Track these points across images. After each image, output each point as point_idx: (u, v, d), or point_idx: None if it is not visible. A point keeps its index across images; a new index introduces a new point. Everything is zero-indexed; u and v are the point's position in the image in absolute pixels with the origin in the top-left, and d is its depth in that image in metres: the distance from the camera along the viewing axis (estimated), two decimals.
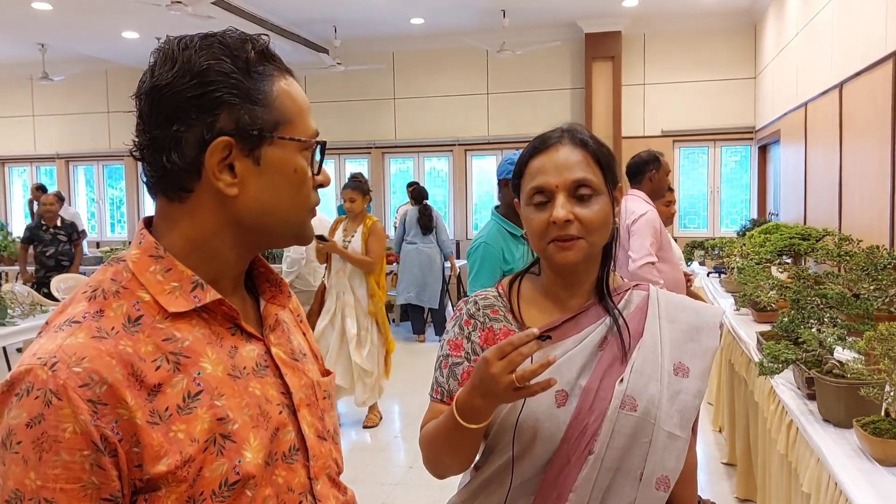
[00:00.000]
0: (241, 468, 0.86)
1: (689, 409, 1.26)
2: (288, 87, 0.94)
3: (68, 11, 8.31)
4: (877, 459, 1.98)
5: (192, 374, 0.86)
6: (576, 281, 1.33)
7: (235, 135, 0.89)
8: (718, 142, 9.85)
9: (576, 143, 1.31)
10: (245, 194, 0.91)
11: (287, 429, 0.95)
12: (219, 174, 0.89)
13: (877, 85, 4.40)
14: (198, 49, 0.89)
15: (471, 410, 1.16)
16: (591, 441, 1.21)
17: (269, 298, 1.03)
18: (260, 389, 0.93)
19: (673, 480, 1.24)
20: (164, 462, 0.81)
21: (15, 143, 12.07)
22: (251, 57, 0.91)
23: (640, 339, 1.28)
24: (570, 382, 1.25)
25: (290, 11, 8.78)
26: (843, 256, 3.11)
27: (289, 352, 1.01)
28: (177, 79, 0.87)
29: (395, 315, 9.44)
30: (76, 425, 0.77)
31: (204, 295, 0.90)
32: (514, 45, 9.10)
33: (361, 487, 4.36)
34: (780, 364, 2.52)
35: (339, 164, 11.32)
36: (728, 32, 9.44)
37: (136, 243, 0.92)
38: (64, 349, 0.80)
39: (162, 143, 0.88)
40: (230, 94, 0.88)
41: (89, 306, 0.86)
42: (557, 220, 1.25)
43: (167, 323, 0.87)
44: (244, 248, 0.96)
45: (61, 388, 0.77)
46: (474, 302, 1.37)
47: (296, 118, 0.94)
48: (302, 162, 0.95)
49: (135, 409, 0.80)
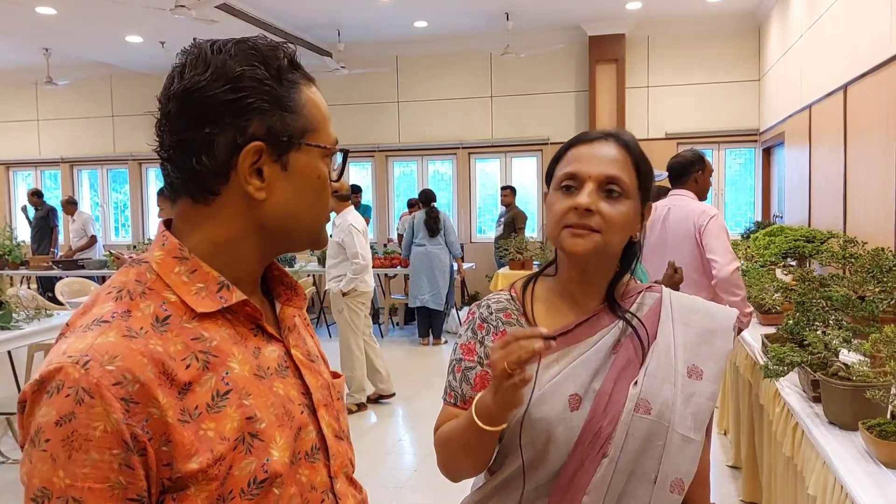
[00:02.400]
0: (269, 466, 0.88)
1: (703, 412, 1.26)
2: (314, 96, 0.97)
3: (72, 16, 8.34)
4: (883, 462, 1.97)
5: (221, 374, 0.88)
6: (590, 279, 1.32)
7: (267, 140, 0.91)
8: (722, 144, 9.84)
9: (619, 144, 1.31)
10: (271, 199, 0.93)
11: (309, 428, 0.97)
12: (249, 178, 0.91)
13: (881, 87, 4.39)
14: (232, 54, 0.90)
15: (486, 410, 1.16)
16: (606, 444, 1.21)
17: (286, 301, 1.05)
18: (283, 389, 0.95)
19: (687, 483, 1.24)
20: (195, 460, 0.82)
21: (20, 148, 12.12)
22: (283, 65, 0.93)
23: (654, 342, 1.28)
24: (584, 386, 1.24)
25: (294, 15, 8.80)
26: (848, 259, 3.10)
27: (305, 353, 1.03)
28: (210, 83, 0.88)
29: (399, 318, 9.44)
30: (108, 424, 0.77)
31: (230, 296, 0.92)
32: (517, 48, 9.11)
33: (366, 489, 4.35)
34: (786, 367, 2.51)
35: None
36: (732, 35, 9.44)
37: (159, 245, 0.93)
38: (96, 348, 0.80)
39: (192, 144, 0.89)
40: (262, 100, 0.90)
41: (116, 306, 0.86)
42: (580, 206, 1.24)
43: (194, 323, 0.89)
44: (265, 252, 0.98)
45: (94, 386, 0.77)
46: (487, 306, 1.37)
47: (320, 126, 0.96)
48: (324, 168, 0.97)
49: (166, 408, 0.81)
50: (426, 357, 7.88)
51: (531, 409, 1.22)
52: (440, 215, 8.18)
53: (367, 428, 5.57)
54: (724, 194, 9.98)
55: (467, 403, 1.28)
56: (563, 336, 1.28)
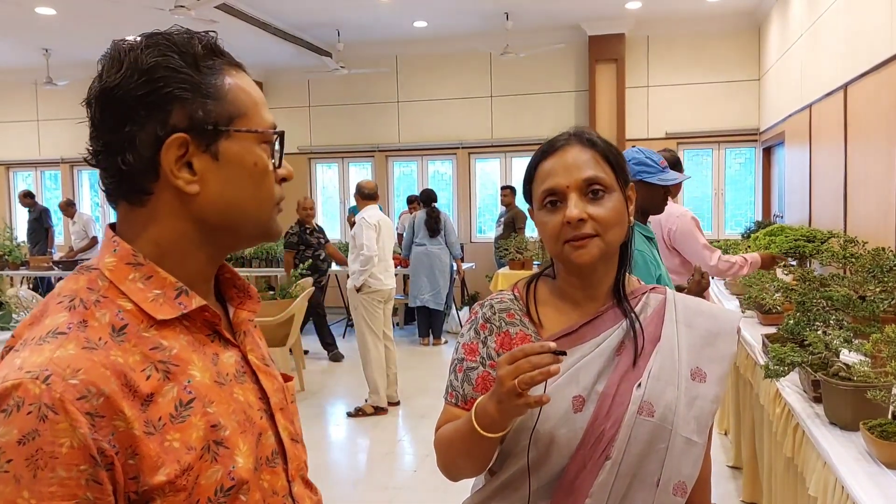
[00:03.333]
0: (234, 474, 0.87)
1: (706, 415, 1.25)
2: (240, 81, 0.93)
3: (72, 16, 8.34)
4: (884, 463, 1.97)
5: (183, 383, 0.86)
6: (593, 282, 1.32)
7: (190, 130, 0.88)
8: (723, 144, 9.83)
9: (584, 144, 1.31)
10: (206, 191, 0.90)
11: (268, 433, 0.96)
12: (177, 172, 0.88)
13: (882, 86, 4.39)
14: (144, 48, 0.88)
15: (486, 417, 1.15)
16: (608, 447, 1.20)
17: (239, 305, 1.03)
18: (242, 395, 0.93)
19: (690, 486, 1.24)
20: (162, 472, 0.80)
21: (20, 148, 12.11)
22: (199, 52, 0.90)
23: (658, 344, 1.27)
24: (588, 388, 1.24)
25: (294, 15, 8.79)
26: (848, 258, 3.09)
27: (260, 357, 1.01)
28: (125, 79, 0.86)
29: (399, 318, 9.43)
30: (74, 439, 0.75)
31: (189, 301, 0.90)
32: (517, 47, 9.10)
33: (366, 490, 4.35)
34: (786, 367, 2.51)
35: (343, 168, 11.33)
36: (732, 34, 9.43)
37: (110, 251, 0.90)
38: (56, 361, 0.77)
39: (116, 145, 0.87)
40: (180, 88, 0.87)
41: (71, 316, 0.83)
42: (571, 220, 1.24)
43: (153, 331, 0.86)
44: (213, 248, 0.95)
45: (58, 401, 0.75)
46: (490, 305, 1.36)
47: (251, 111, 0.93)
48: (262, 155, 0.94)
49: (132, 420, 0.79)
50: (426, 357, 7.89)
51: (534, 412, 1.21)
52: (441, 215, 8.18)
53: (367, 428, 5.56)
54: (724, 194, 9.97)
55: (468, 404, 1.28)
56: (566, 337, 1.28)
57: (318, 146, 11.22)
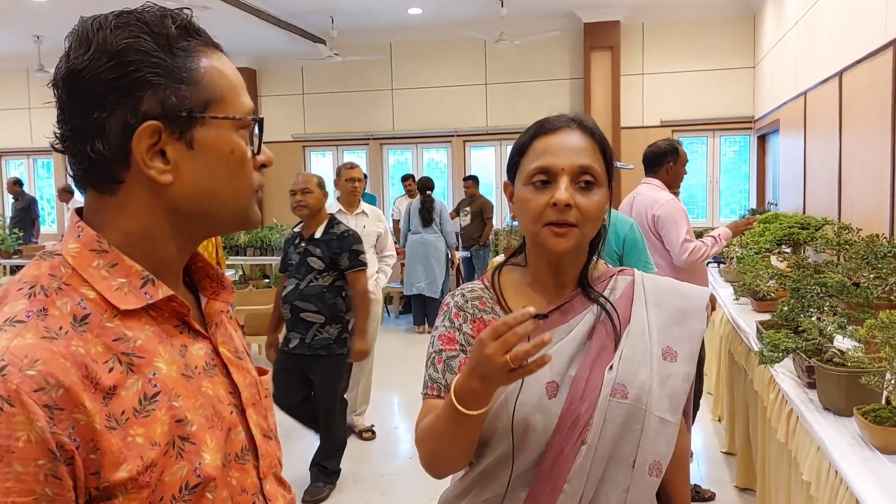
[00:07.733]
0: (201, 470, 0.83)
1: (679, 394, 1.26)
2: (217, 63, 0.88)
3: (64, 3, 8.27)
4: (877, 447, 1.98)
5: (148, 375, 0.82)
6: (563, 269, 1.32)
7: (163, 118, 0.83)
8: (717, 132, 9.84)
9: (584, 131, 1.30)
10: (180, 181, 0.85)
11: (238, 429, 0.92)
12: (150, 162, 0.83)
13: (877, 73, 4.39)
14: (113, 28, 0.82)
15: (470, 394, 1.12)
16: (584, 431, 1.20)
17: (211, 295, 0.98)
18: (212, 389, 0.89)
19: (664, 465, 1.24)
20: (124, 468, 0.76)
21: (11, 136, 12.04)
22: (172, 32, 0.85)
23: (628, 326, 1.27)
24: (561, 373, 1.24)
25: (287, 2, 8.74)
26: (842, 245, 3.10)
27: (233, 350, 0.97)
28: (93, 62, 0.81)
29: (394, 308, 9.43)
30: (31, 433, 0.71)
31: (155, 291, 0.85)
32: (512, 35, 9.07)
33: (362, 478, 4.37)
34: (780, 353, 2.52)
35: (337, 156, 11.30)
36: (727, 21, 9.41)
37: (74, 236, 0.85)
38: (13, 351, 0.73)
39: (84, 132, 0.82)
40: (152, 73, 0.82)
41: (31, 304, 0.78)
42: (559, 202, 1.23)
43: (116, 321, 0.82)
44: (185, 239, 0.90)
45: (14, 393, 0.71)
46: (461, 294, 1.36)
47: (228, 95, 0.88)
48: (239, 142, 0.89)
49: (93, 414, 0.75)
50: (422, 345, 7.89)
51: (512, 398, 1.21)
52: (435, 204, 8.16)
53: None
54: (718, 181, 9.99)
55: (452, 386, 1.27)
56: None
57: (313, 134, 11.18)
